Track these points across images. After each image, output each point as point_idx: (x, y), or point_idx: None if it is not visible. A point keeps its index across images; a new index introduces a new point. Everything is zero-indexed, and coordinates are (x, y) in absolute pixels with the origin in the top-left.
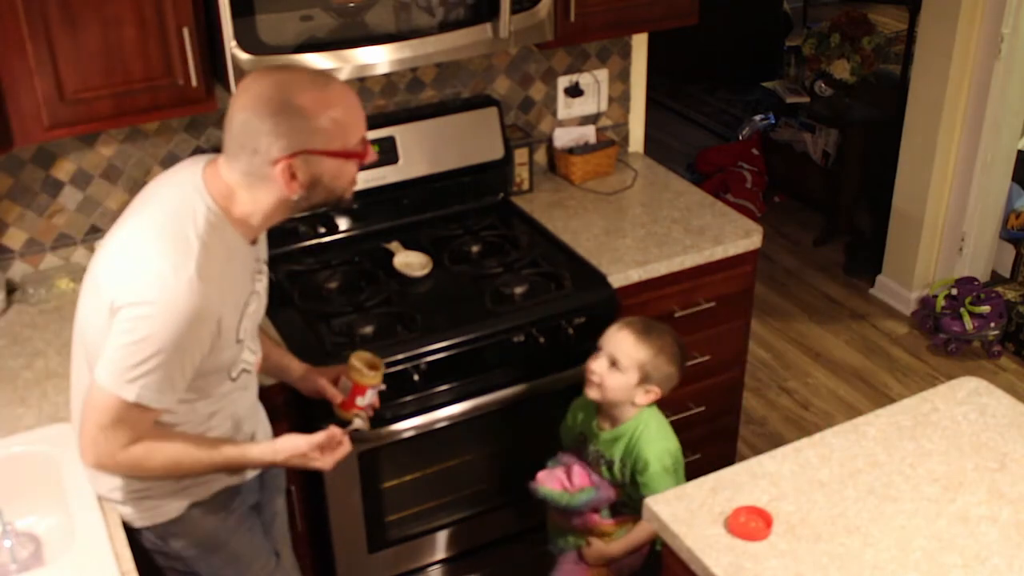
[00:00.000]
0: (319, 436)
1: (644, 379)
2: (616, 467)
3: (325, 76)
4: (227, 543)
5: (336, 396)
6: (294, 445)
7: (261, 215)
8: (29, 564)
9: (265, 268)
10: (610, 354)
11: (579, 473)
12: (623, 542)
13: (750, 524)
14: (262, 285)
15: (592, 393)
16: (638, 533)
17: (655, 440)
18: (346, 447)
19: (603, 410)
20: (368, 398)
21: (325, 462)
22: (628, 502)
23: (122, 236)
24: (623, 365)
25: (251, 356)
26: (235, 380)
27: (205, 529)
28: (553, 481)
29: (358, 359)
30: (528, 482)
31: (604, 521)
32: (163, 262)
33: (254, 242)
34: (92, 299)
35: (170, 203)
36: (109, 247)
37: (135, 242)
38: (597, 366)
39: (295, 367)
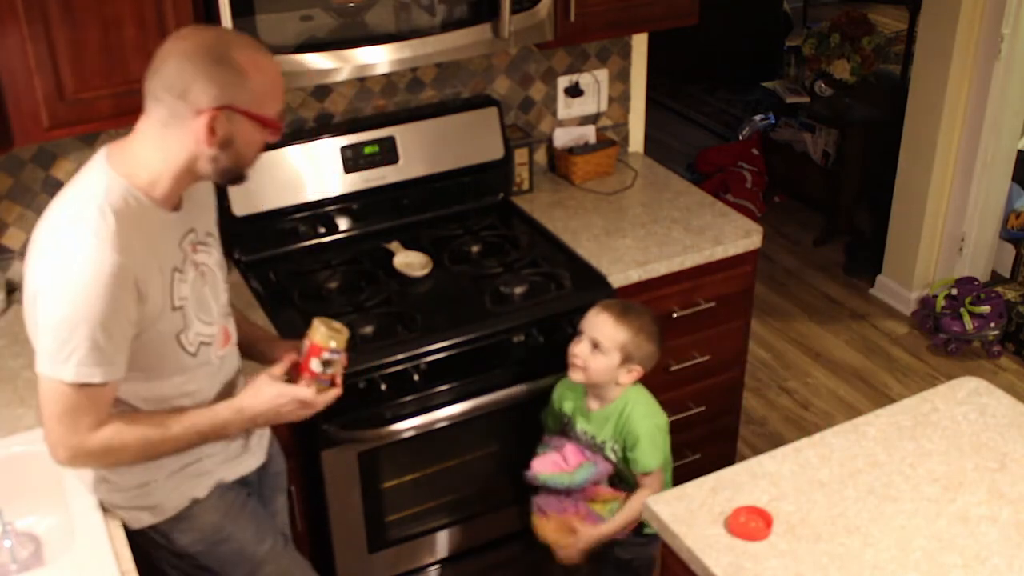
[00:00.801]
0: (298, 391)
1: (626, 359)
2: (608, 447)
3: (259, 42)
4: (232, 534)
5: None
6: (263, 393)
7: (169, 177)
8: (29, 564)
9: (210, 240)
10: (592, 337)
11: (572, 451)
12: (612, 524)
13: (750, 524)
14: (208, 257)
15: (576, 376)
16: (626, 513)
17: (644, 417)
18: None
19: (589, 391)
20: (323, 364)
21: (301, 411)
22: (623, 477)
23: (36, 232)
24: (605, 347)
25: (207, 328)
26: (195, 355)
27: (208, 521)
28: (549, 465)
29: (322, 321)
30: (525, 472)
31: (606, 490)
32: (66, 240)
33: (177, 208)
34: (25, 299)
35: (73, 188)
36: (29, 247)
37: (44, 232)
38: (580, 350)
39: (260, 335)
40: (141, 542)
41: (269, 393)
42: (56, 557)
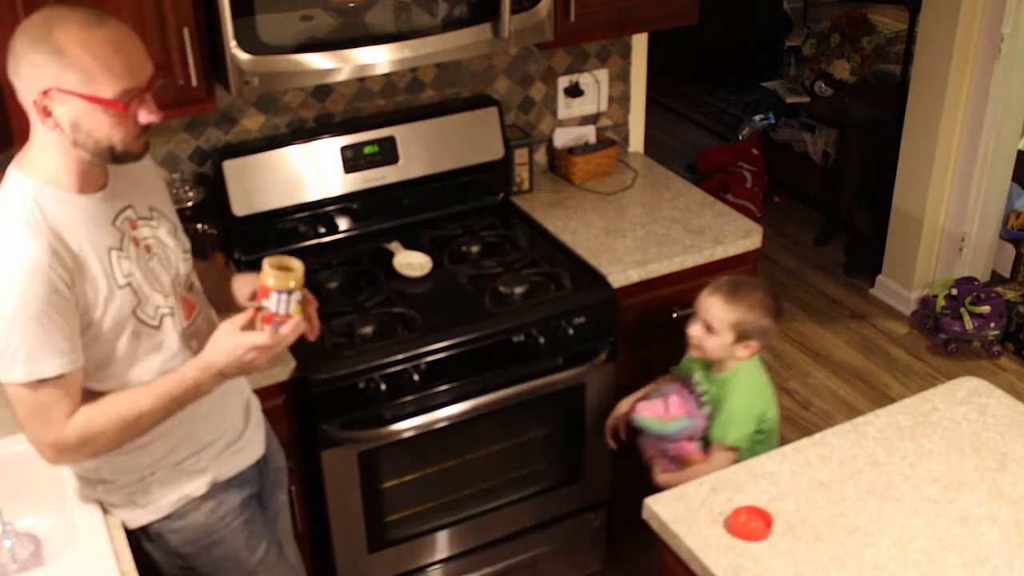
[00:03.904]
0: (253, 338)
1: (740, 336)
2: (707, 408)
3: (100, 18)
4: (224, 538)
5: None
6: (222, 346)
7: (64, 165)
8: (29, 564)
9: (154, 214)
10: (703, 319)
11: (676, 403)
12: (690, 472)
13: (750, 524)
14: (153, 231)
15: (694, 353)
16: (681, 475)
17: (740, 394)
18: (277, 339)
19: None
20: (274, 303)
21: (263, 358)
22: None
23: None
24: (717, 328)
25: (163, 300)
26: (159, 327)
27: (200, 523)
28: (649, 410)
29: (272, 262)
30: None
31: (695, 452)
32: None
33: (103, 188)
34: None
35: None
36: None
37: None
38: (693, 331)
39: (227, 278)
40: (136, 540)
41: (228, 345)
42: (56, 557)
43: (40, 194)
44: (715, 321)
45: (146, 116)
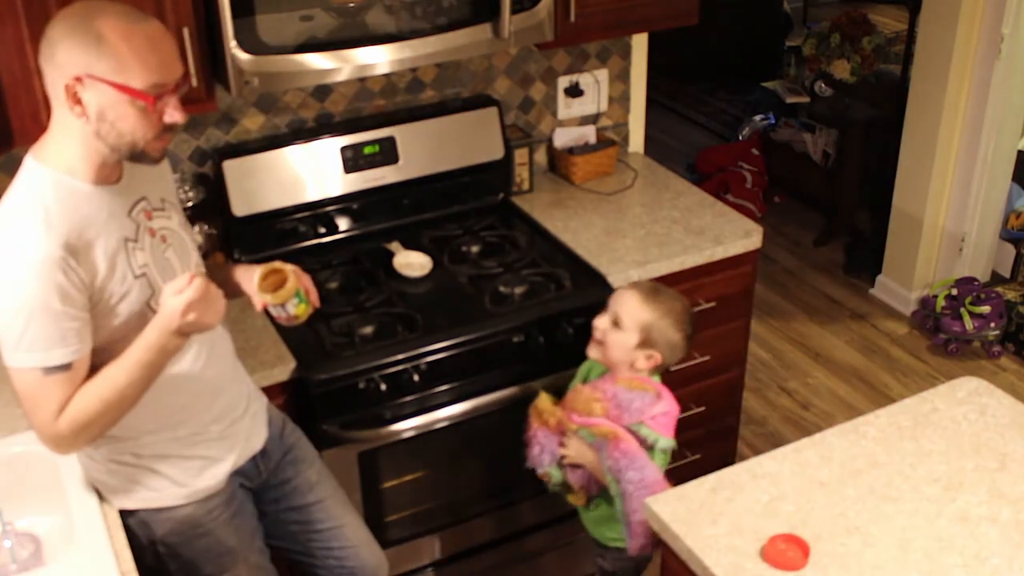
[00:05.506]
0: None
1: (646, 342)
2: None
3: (143, 15)
4: (211, 530)
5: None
6: (169, 305)
7: (83, 156)
8: (29, 564)
9: (167, 205)
10: (614, 312)
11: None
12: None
13: (788, 553)
14: (168, 222)
15: (592, 352)
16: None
17: None
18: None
19: (608, 372)
20: (275, 312)
21: (207, 314)
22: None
23: None
24: (625, 325)
25: None
26: None
27: (189, 515)
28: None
29: (262, 280)
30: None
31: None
32: (1, 238)
33: (118, 180)
34: None
35: (7, 193)
36: None
37: None
38: (600, 323)
39: (229, 267)
40: (123, 517)
41: (169, 306)
42: (56, 557)
43: (56, 184)
44: (626, 316)
45: (171, 115)
